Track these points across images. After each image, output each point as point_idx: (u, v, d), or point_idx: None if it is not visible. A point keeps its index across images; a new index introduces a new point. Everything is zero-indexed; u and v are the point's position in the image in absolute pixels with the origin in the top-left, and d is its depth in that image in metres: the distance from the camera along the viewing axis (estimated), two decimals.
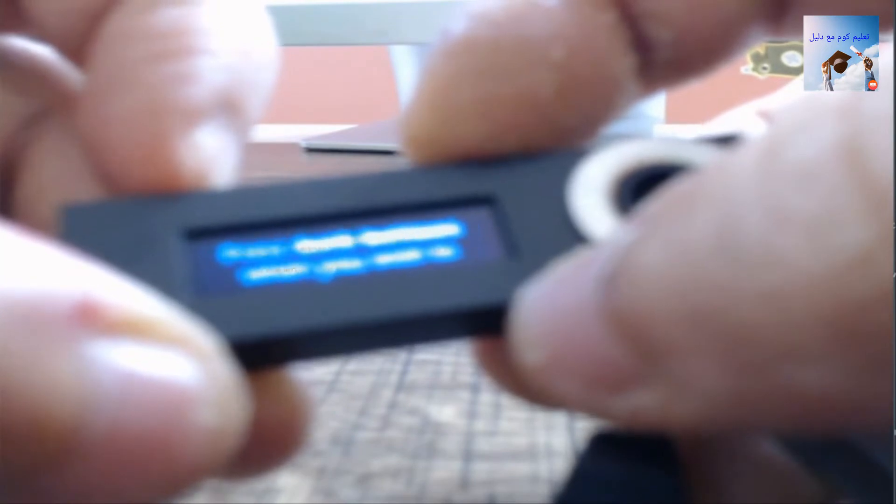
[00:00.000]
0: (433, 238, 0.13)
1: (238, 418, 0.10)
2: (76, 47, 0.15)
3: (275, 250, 0.13)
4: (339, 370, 0.26)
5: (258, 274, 0.12)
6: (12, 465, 0.09)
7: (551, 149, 0.14)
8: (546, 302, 0.11)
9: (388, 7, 0.58)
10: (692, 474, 0.14)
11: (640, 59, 0.14)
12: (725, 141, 0.14)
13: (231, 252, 0.13)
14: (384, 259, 0.13)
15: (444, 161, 0.14)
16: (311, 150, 0.73)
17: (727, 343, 0.09)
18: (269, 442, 0.13)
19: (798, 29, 0.14)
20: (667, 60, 0.15)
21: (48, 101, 0.16)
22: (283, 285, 0.12)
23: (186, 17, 0.14)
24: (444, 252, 0.13)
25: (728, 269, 0.09)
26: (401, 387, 0.24)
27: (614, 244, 0.10)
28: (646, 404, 0.10)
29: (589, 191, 0.13)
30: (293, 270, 0.12)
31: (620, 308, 0.10)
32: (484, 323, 0.12)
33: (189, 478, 0.10)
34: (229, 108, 0.14)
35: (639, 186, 0.13)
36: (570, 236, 0.13)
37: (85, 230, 0.12)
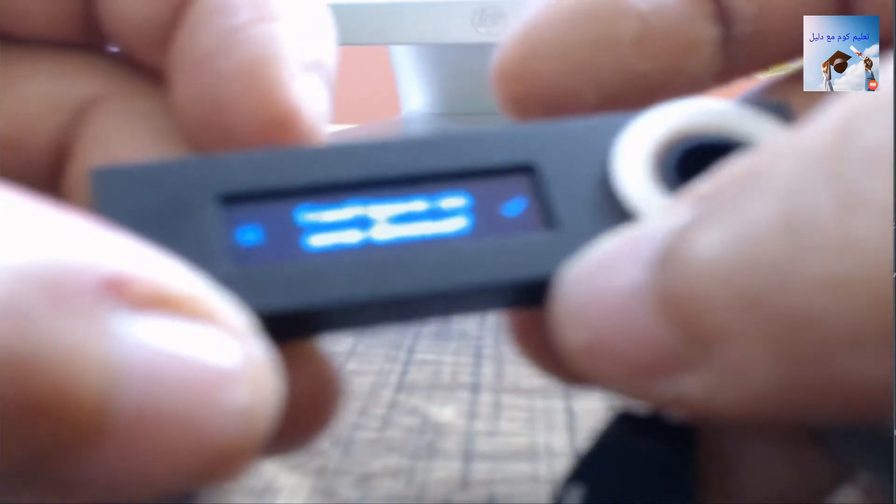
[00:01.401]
0: (469, 207, 0.13)
1: (272, 398, 0.10)
2: (154, 42, 0.15)
3: (328, 216, 0.12)
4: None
5: (316, 241, 0.12)
6: (35, 448, 0.08)
7: (596, 113, 0.14)
8: (591, 282, 0.11)
9: (388, 7, 0.58)
10: (710, 453, 0.14)
11: (721, 31, 0.15)
12: (775, 110, 0.14)
13: (276, 219, 0.12)
14: (427, 228, 0.12)
15: (528, 97, 0.15)
16: None
17: (786, 329, 0.09)
18: (302, 416, 0.13)
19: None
20: (746, 38, 0.15)
21: (101, 88, 0.16)
22: (337, 253, 0.12)
23: None
24: (483, 222, 0.12)
25: (793, 253, 0.09)
26: (401, 387, 0.24)
27: (667, 225, 0.10)
28: (692, 390, 0.10)
29: (632, 160, 0.13)
30: (347, 237, 0.12)
31: (673, 291, 0.10)
32: (523, 296, 0.12)
33: (223, 461, 0.09)
34: (321, 67, 0.14)
35: (684, 157, 0.13)
36: (613, 209, 0.12)
37: (117, 195, 0.12)
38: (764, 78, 0.18)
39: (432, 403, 0.23)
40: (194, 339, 0.09)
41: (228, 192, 0.12)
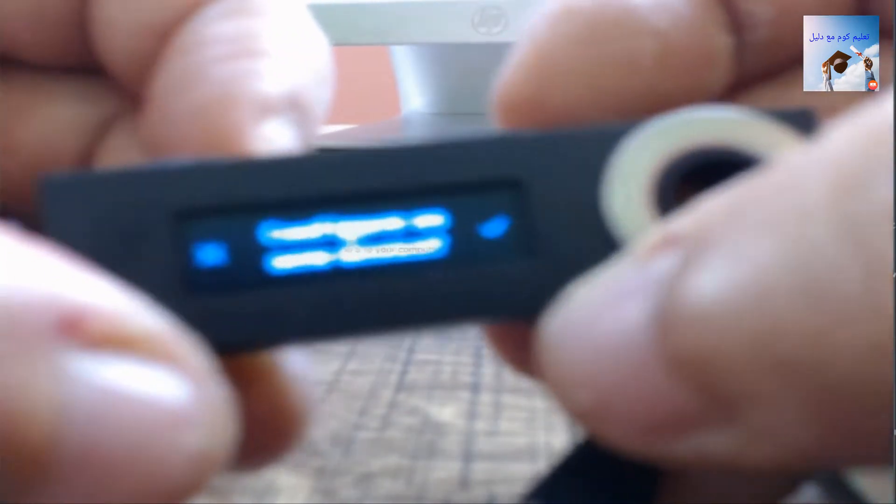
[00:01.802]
0: (447, 228, 0.12)
1: (227, 439, 0.10)
2: (140, 71, 0.15)
3: (294, 234, 0.11)
4: (339, 370, 0.26)
5: (280, 263, 0.11)
6: None
7: (592, 123, 0.13)
8: (587, 336, 0.10)
9: (388, 7, 0.58)
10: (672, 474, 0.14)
11: (735, 40, 0.14)
12: (796, 119, 0.12)
13: (233, 237, 0.11)
14: (400, 250, 0.11)
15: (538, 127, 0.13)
16: None
17: (821, 394, 0.08)
18: (265, 437, 0.12)
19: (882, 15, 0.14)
20: (763, 43, 0.14)
21: (116, 109, 0.16)
22: (303, 277, 0.11)
23: (252, 25, 0.14)
24: (460, 244, 0.11)
25: (820, 319, 0.08)
26: (401, 387, 0.24)
27: (657, 269, 0.09)
28: (716, 447, 0.09)
29: (628, 180, 0.11)
30: (314, 259, 0.11)
31: (681, 350, 0.09)
32: (501, 321, 0.12)
33: (174, 499, 0.09)
34: (296, 107, 0.14)
35: (688, 175, 0.12)
36: (603, 236, 0.11)
37: (68, 207, 0.11)
38: None
39: (432, 403, 0.23)
40: (148, 380, 0.09)
41: (186, 207, 0.11)
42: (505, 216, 0.12)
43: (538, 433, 0.22)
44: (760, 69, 0.15)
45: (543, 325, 0.10)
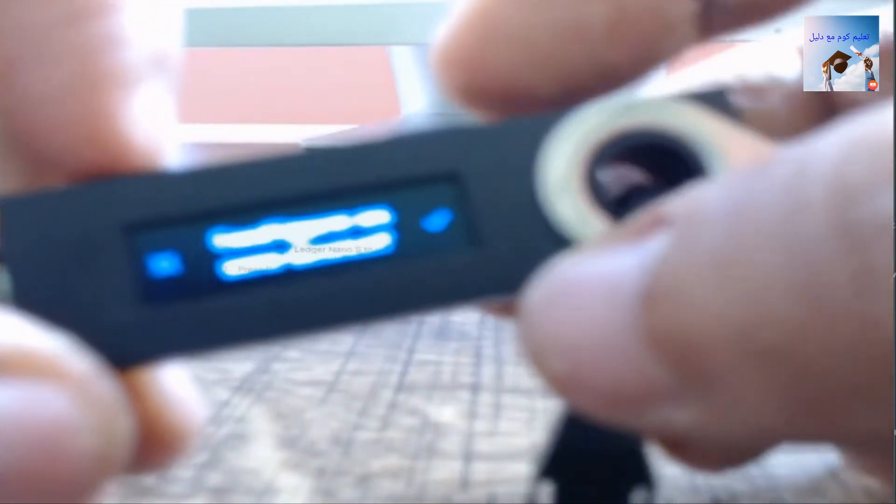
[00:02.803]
0: (392, 224, 0.12)
1: (122, 435, 0.10)
2: None
3: (243, 239, 0.12)
4: (339, 370, 0.26)
5: (232, 268, 0.11)
6: None
7: (524, 115, 0.13)
8: (569, 306, 0.10)
9: (388, 7, 0.58)
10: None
11: (702, 4, 0.13)
12: (713, 99, 0.13)
13: (180, 246, 0.11)
14: (348, 247, 0.12)
15: (480, 89, 0.13)
16: None
17: (793, 382, 0.09)
18: (144, 449, 0.12)
19: None
20: (734, 6, 0.14)
21: None
22: (256, 282, 0.11)
23: None
24: (407, 239, 0.12)
25: (809, 319, 0.08)
26: (401, 387, 0.24)
27: (639, 258, 0.10)
28: (679, 420, 0.10)
29: (558, 166, 0.12)
30: (265, 262, 0.12)
31: (663, 327, 0.09)
32: (450, 308, 0.12)
33: (85, 492, 0.10)
34: (162, 67, 0.12)
35: (616, 158, 0.12)
36: (540, 222, 0.12)
37: (26, 226, 0.11)
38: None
39: (432, 403, 0.23)
40: (31, 397, 0.09)
41: (137, 219, 0.11)
42: (447, 209, 0.12)
43: (538, 433, 0.22)
44: (727, 28, 0.14)
45: (526, 293, 0.11)
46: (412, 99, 0.74)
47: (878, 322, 0.08)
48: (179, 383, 0.14)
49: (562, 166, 0.12)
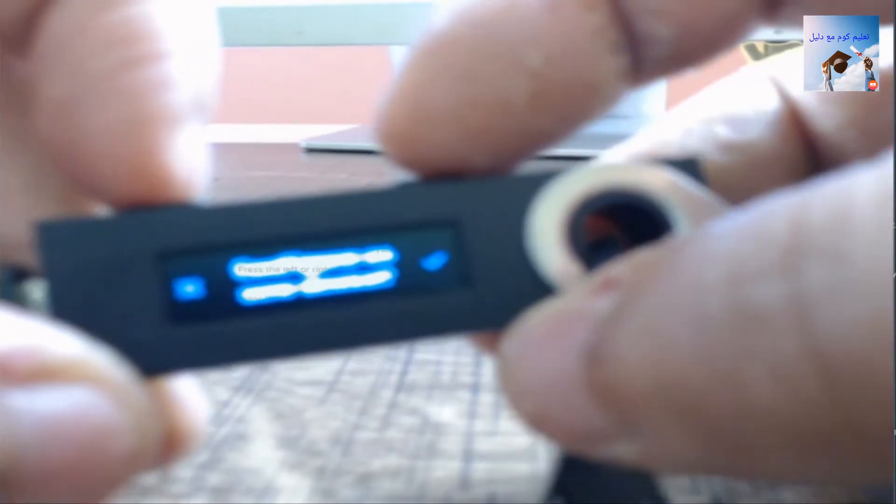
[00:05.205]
0: (394, 262, 0.13)
1: (154, 436, 0.12)
2: (15, 36, 0.14)
3: (262, 269, 0.13)
4: (339, 370, 0.26)
5: (250, 295, 0.13)
6: None
7: (519, 170, 0.14)
8: (533, 357, 0.12)
9: (388, 7, 0.58)
10: None
11: (631, 57, 0.14)
12: (685, 166, 0.14)
13: (208, 274, 0.13)
14: (354, 282, 0.13)
15: (417, 160, 0.14)
16: (311, 150, 0.73)
17: (704, 430, 0.10)
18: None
19: (793, 22, 0.14)
20: (664, 56, 0.14)
21: None
22: (270, 307, 0.13)
23: (143, 18, 0.13)
24: (406, 275, 0.13)
25: (704, 379, 0.10)
26: (401, 387, 0.24)
27: (589, 313, 0.12)
28: (626, 454, 0.12)
29: (543, 219, 0.14)
30: (280, 291, 0.13)
31: (603, 384, 0.11)
32: (441, 339, 0.14)
33: (120, 485, 0.11)
34: (201, 108, 0.14)
35: (594, 212, 0.14)
36: (525, 269, 0.13)
37: (61, 248, 0.12)
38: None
39: (432, 403, 0.23)
40: (78, 401, 0.11)
41: (167, 248, 0.13)
42: (444, 252, 0.13)
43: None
44: (661, 76, 0.15)
45: (503, 342, 0.12)
46: None
47: (759, 393, 0.10)
48: (184, 384, 0.15)
49: (546, 221, 0.14)
